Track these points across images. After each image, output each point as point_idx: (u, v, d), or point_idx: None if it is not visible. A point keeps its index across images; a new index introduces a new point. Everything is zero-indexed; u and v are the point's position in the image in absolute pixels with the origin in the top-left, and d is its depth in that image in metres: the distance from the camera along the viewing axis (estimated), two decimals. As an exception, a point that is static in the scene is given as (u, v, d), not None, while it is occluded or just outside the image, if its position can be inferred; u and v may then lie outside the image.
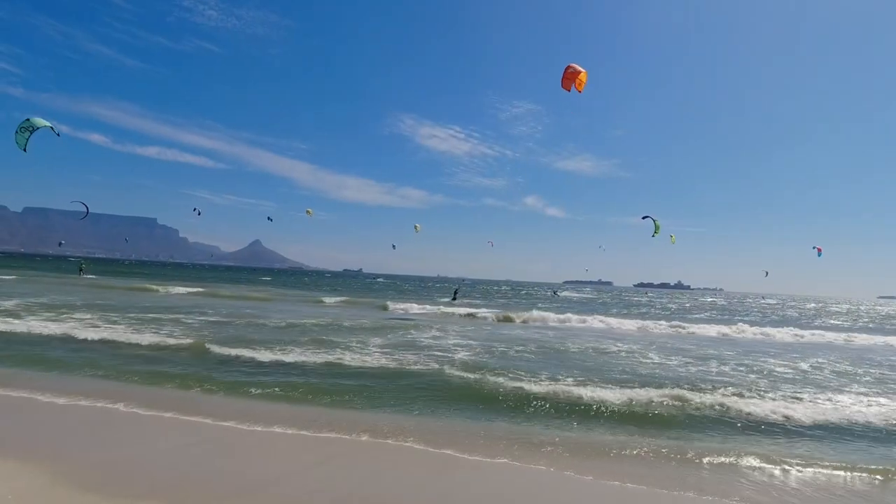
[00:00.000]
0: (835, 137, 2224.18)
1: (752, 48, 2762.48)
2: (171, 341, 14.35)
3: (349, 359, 12.96)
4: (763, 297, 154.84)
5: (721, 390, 11.19)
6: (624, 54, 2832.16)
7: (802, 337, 26.66)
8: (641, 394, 10.34)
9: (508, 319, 28.78)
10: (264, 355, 12.84)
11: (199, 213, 50.49)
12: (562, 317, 30.12)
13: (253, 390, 9.61)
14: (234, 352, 13.16)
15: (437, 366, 12.59)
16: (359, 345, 15.66)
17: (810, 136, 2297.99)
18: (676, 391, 10.52)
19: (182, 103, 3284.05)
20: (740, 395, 10.77)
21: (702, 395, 10.52)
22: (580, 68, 12.89)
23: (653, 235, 15.19)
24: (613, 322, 28.75)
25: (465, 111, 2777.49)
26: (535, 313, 30.77)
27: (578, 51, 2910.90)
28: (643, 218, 15.30)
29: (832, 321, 45.45)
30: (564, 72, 12.98)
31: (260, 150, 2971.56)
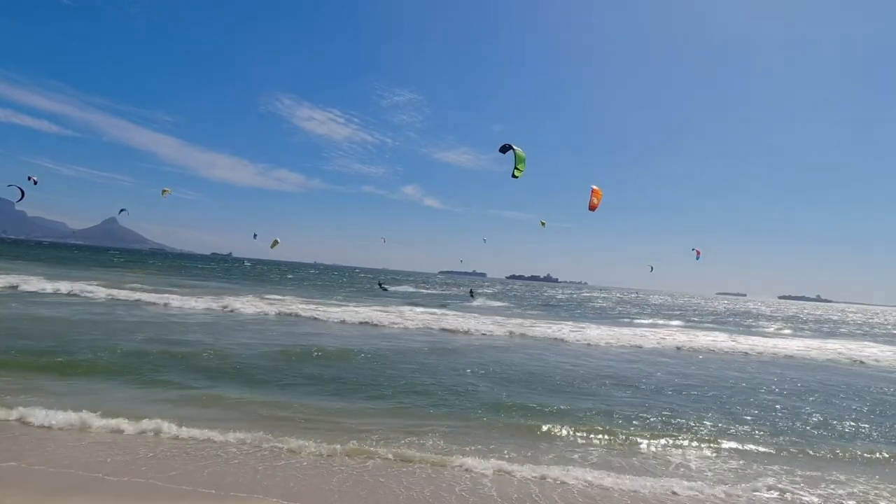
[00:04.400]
0: (690, 146, 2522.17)
1: (634, 50, 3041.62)
2: None
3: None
4: (636, 293, 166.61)
5: None
6: (507, 49, 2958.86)
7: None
8: None
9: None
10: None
11: (35, 183, 38.73)
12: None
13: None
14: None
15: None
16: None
17: (671, 142, 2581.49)
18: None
19: (18, 57, 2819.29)
20: None
21: None
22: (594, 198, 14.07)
23: (514, 175, 12.41)
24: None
25: (345, 95, 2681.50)
26: None
27: (462, 43, 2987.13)
28: (502, 150, 12.25)
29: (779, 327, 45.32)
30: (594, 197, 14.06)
31: (117, 118, 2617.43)
